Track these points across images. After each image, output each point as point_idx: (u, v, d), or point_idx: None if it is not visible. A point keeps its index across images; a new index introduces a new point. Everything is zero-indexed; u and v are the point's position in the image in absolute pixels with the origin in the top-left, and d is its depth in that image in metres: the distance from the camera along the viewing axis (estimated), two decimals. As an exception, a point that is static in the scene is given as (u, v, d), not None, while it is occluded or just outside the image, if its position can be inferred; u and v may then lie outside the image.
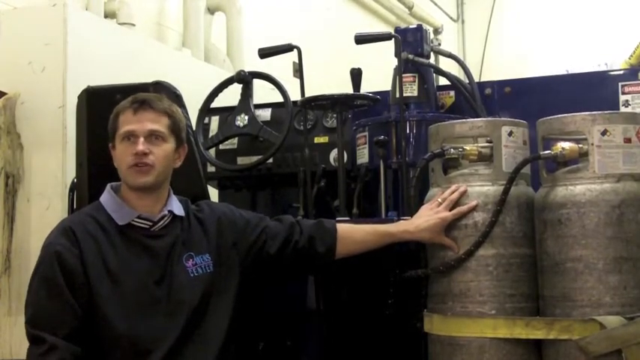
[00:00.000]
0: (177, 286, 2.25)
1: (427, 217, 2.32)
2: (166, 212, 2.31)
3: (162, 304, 2.23)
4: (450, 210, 2.27)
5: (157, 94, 2.38)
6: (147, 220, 2.28)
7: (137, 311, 2.19)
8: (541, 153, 2.24)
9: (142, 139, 2.24)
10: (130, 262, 2.23)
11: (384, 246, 2.43)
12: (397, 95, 2.86)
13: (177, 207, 2.34)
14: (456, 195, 2.28)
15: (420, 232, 2.33)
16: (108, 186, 2.34)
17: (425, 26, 3.09)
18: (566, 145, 2.19)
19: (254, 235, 2.40)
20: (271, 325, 2.77)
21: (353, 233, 2.45)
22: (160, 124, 2.27)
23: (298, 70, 2.95)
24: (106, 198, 2.32)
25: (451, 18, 9.95)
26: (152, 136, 2.26)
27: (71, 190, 2.99)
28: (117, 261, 2.21)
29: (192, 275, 2.28)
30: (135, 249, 2.25)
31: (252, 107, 3.07)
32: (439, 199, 2.30)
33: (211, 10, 5.31)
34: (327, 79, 4.82)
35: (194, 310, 2.25)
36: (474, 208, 2.24)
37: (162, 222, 2.30)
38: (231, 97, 3.15)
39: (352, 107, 2.86)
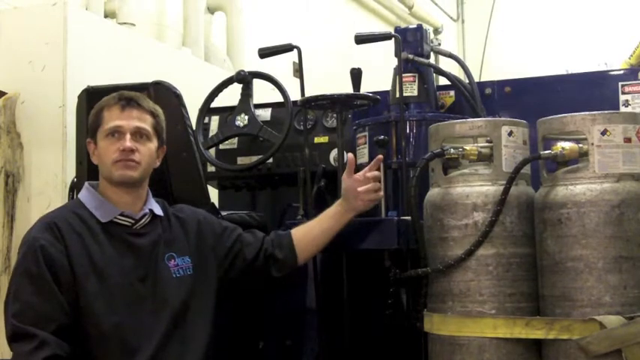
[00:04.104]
0: (161, 285, 2.25)
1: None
2: (147, 211, 2.31)
3: (148, 301, 2.22)
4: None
5: (141, 93, 2.38)
6: (129, 218, 2.28)
7: (124, 308, 2.18)
8: (541, 153, 2.23)
9: (128, 136, 2.24)
10: (116, 259, 2.22)
11: (380, 242, 2.47)
12: (397, 95, 2.86)
13: (156, 206, 2.35)
14: (374, 166, 2.46)
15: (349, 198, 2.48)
16: (86, 184, 2.34)
17: (425, 26, 3.10)
18: (566, 144, 2.19)
19: (230, 241, 2.43)
20: (271, 324, 2.76)
21: (306, 228, 2.51)
22: (146, 123, 2.29)
23: (298, 70, 2.95)
24: (86, 195, 2.30)
25: (451, 18, 9.96)
26: (137, 134, 2.27)
27: (71, 189, 3.00)
28: (102, 257, 2.20)
29: (174, 276, 2.28)
30: (119, 246, 2.24)
31: (252, 107, 3.07)
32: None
33: (211, 10, 5.31)
34: (327, 78, 4.82)
35: (177, 310, 2.25)
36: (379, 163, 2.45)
37: (143, 220, 2.30)
38: (231, 96, 3.15)
39: (352, 107, 2.86)
